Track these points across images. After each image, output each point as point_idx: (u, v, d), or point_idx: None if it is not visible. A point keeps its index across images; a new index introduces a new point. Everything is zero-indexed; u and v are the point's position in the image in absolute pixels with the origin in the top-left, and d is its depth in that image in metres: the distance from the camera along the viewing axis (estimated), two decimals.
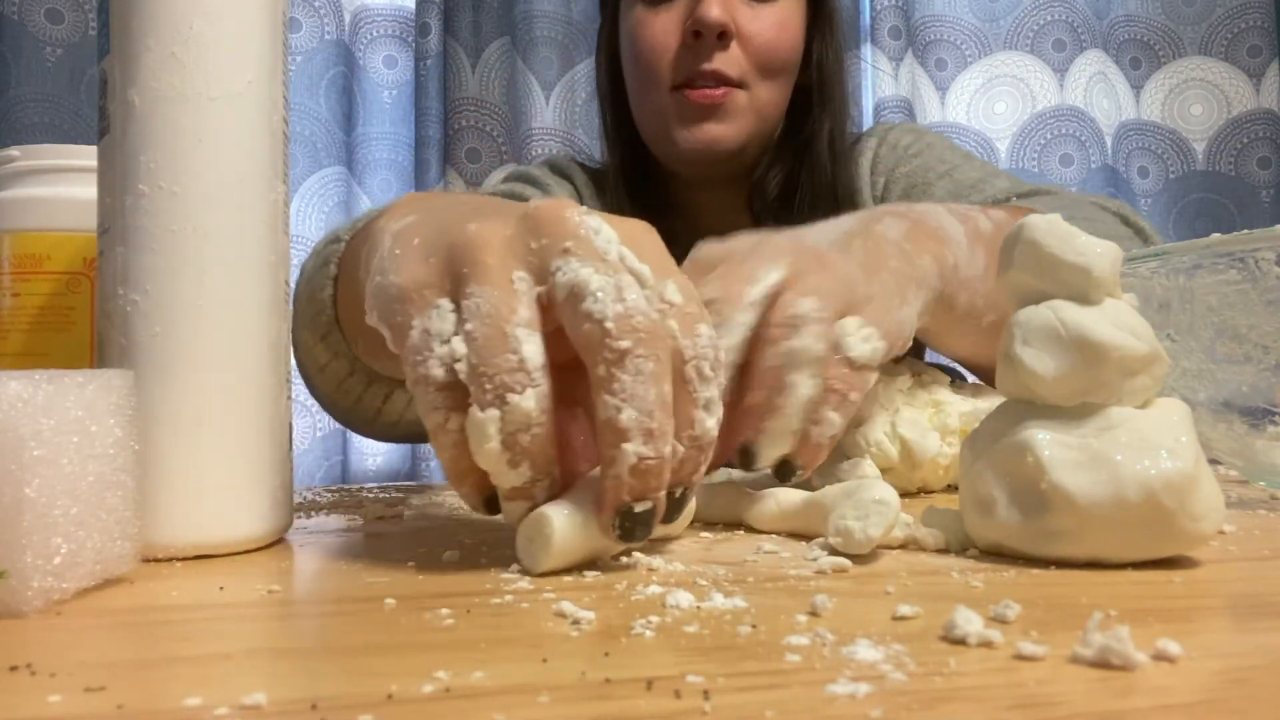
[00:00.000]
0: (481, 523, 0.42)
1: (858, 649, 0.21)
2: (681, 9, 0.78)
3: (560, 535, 0.29)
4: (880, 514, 0.32)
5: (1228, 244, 0.42)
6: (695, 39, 0.77)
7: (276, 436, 0.36)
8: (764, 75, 0.79)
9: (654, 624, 0.24)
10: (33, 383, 0.26)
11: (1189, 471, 0.29)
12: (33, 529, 0.25)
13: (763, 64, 0.79)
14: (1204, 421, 0.45)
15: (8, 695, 0.19)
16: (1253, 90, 1.59)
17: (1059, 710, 0.17)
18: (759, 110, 0.80)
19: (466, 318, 0.30)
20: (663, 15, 0.79)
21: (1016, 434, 0.32)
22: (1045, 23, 1.59)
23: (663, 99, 0.80)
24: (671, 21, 0.78)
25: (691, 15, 0.76)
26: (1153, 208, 1.59)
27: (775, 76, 0.80)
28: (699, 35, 0.76)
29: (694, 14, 0.76)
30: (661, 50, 0.78)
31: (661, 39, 0.79)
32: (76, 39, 1.31)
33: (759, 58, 0.79)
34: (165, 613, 0.26)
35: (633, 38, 0.81)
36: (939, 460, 0.49)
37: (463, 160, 1.44)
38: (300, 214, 1.39)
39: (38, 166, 0.47)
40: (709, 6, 0.75)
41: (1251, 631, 0.23)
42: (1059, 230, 0.33)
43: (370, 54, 1.47)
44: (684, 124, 0.79)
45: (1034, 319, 0.32)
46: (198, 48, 0.34)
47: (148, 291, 0.34)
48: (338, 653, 0.22)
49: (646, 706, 0.18)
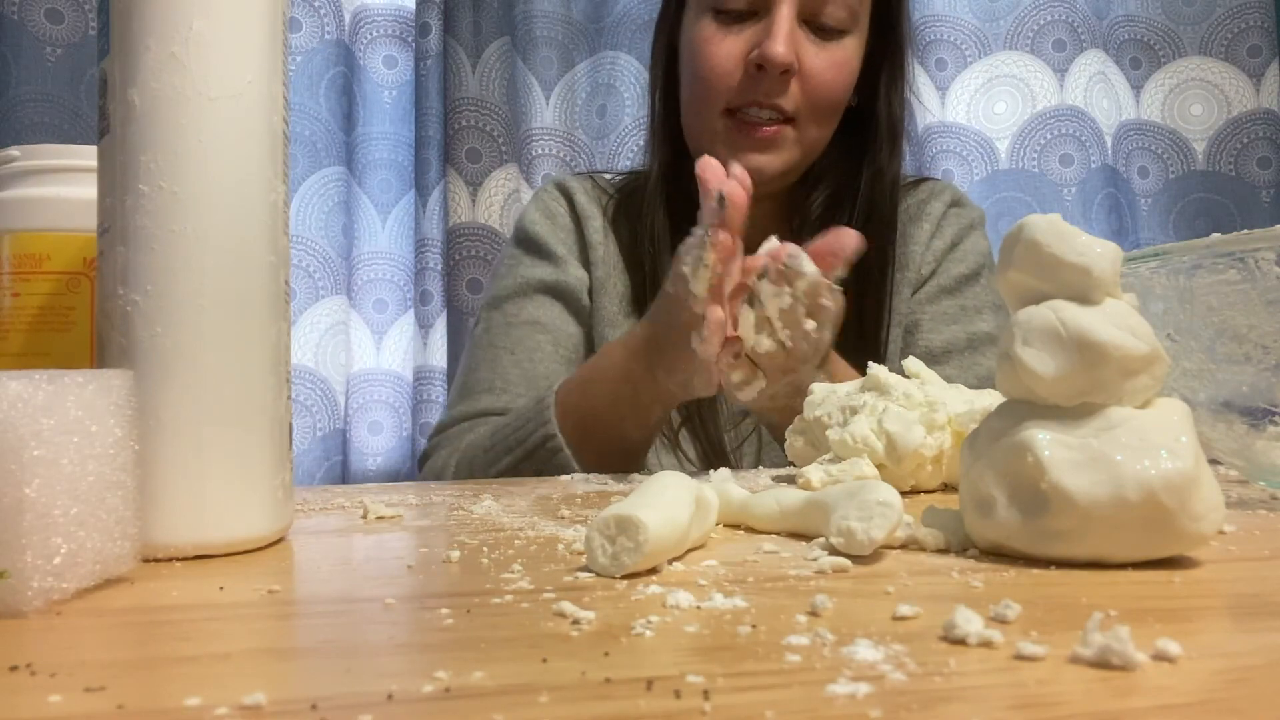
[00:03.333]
0: (481, 522, 0.42)
1: (858, 649, 0.21)
2: (749, 37, 0.78)
3: (655, 537, 0.30)
4: (883, 515, 0.32)
5: (1228, 244, 0.42)
6: (757, 71, 0.77)
7: (276, 436, 0.36)
8: (815, 113, 0.80)
9: (654, 624, 0.24)
10: (33, 383, 0.26)
11: (1189, 471, 0.29)
12: (33, 529, 0.25)
13: (817, 102, 0.80)
14: (1204, 421, 0.45)
15: (8, 695, 0.19)
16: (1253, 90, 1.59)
17: (1059, 710, 0.17)
18: (805, 145, 0.82)
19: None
20: (731, 38, 0.79)
21: (1016, 434, 0.32)
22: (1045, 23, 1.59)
23: (715, 120, 0.81)
24: (738, 46, 0.79)
25: (757, 47, 0.77)
26: (1153, 208, 1.59)
27: (826, 115, 0.82)
28: (761, 68, 0.77)
29: (760, 48, 0.76)
30: (722, 75, 0.79)
31: (724, 63, 0.79)
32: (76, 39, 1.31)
33: (815, 96, 0.79)
34: (165, 613, 0.26)
35: (696, 52, 0.81)
36: (923, 452, 0.50)
37: (463, 160, 1.44)
38: (300, 214, 1.39)
39: (38, 166, 0.47)
40: (775, 43, 0.76)
41: (1251, 631, 0.23)
42: (1059, 230, 0.33)
43: (370, 54, 1.47)
44: (731, 148, 0.80)
45: (1034, 319, 0.32)
46: (198, 48, 0.34)
47: (148, 291, 0.34)
48: (338, 653, 0.22)
49: (646, 706, 0.18)
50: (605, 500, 0.48)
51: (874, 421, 0.51)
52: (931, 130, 1.57)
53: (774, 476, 0.59)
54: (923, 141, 1.55)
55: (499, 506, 0.47)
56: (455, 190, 1.42)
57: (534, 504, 0.48)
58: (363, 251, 1.45)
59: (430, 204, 1.40)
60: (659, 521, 0.30)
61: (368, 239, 1.45)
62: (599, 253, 0.90)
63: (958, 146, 1.58)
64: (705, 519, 0.35)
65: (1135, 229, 1.58)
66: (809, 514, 0.37)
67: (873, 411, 0.51)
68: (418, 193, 1.42)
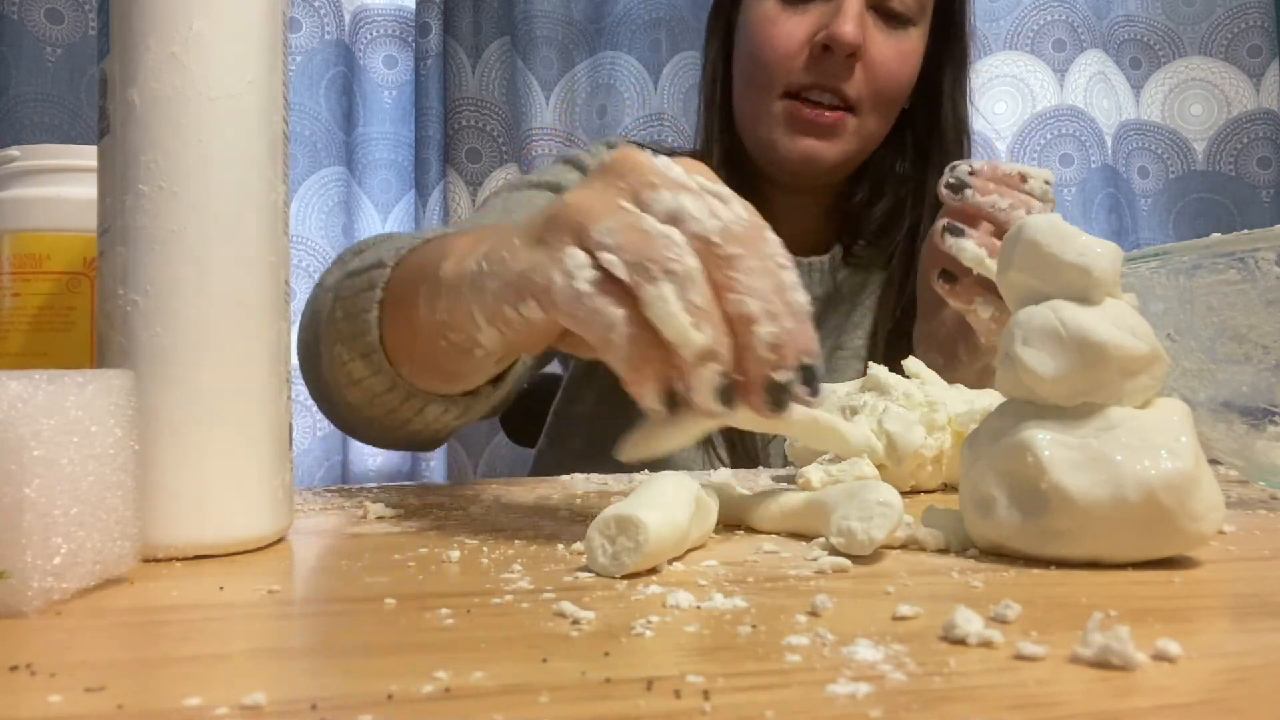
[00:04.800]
0: (481, 522, 0.42)
1: (858, 649, 0.21)
2: (815, 17, 0.76)
3: (656, 537, 0.30)
4: (884, 515, 0.32)
5: (1228, 244, 0.42)
6: (824, 51, 0.75)
7: (276, 436, 0.36)
8: (877, 103, 0.78)
9: (654, 624, 0.24)
10: (33, 383, 0.26)
11: (1189, 471, 0.29)
12: (33, 529, 0.25)
13: (880, 92, 0.78)
14: (1204, 421, 0.45)
15: (8, 695, 0.19)
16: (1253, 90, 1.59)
17: (1059, 710, 0.17)
18: (863, 136, 0.80)
19: (602, 239, 0.34)
20: (795, 18, 0.77)
21: (1016, 434, 0.32)
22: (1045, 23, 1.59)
23: (773, 102, 0.78)
24: (802, 28, 0.76)
25: (825, 28, 0.74)
26: (1153, 208, 1.59)
27: (887, 107, 0.80)
28: (828, 49, 0.75)
29: (829, 28, 0.74)
30: (785, 56, 0.76)
31: (787, 43, 0.76)
32: (76, 39, 1.31)
33: (878, 85, 0.77)
34: (165, 613, 0.26)
35: (756, 32, 0.78)
36: (923, 453, 0.50)
37: (463, 160, 1.44)
38: (300, 214, 1.39)
39: (38, 166, 0.47)
40: (846, 21, 0.73)
41: (1251, 631, 0.23)
42: (1059, 230, 0.33)
43: (370, 54, 1.47)
44: (789, 133, 0.78)
45: (1034, 319, 0.32)
46: (198, 48, 0.34)
47: (148, 291, 0.34)
48: (338, 653, 0.22)
49: (646, 706, 0.18)
50: (605, 500, 0.48)
51: (874, 421, 0.51)
52: None
53: (774, 477, 0.59)
54: None
55: (499, 506, 0.47)
56: (455, 190, 1.42)
57: (534, 504, 0.48)
58: None
59: (430, 204, 1.40)
60: (659, 521, 0.30)
61: None
62: None
63: None
64: (705, 519, 0.35)
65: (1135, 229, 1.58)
66: (809, 514, 0.37)
67: (873, 411, 0.51)
68: (418, 193, 1.42)
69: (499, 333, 0.38)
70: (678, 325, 0.32)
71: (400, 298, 0.48)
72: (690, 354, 0.33)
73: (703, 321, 0.33)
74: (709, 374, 0.33)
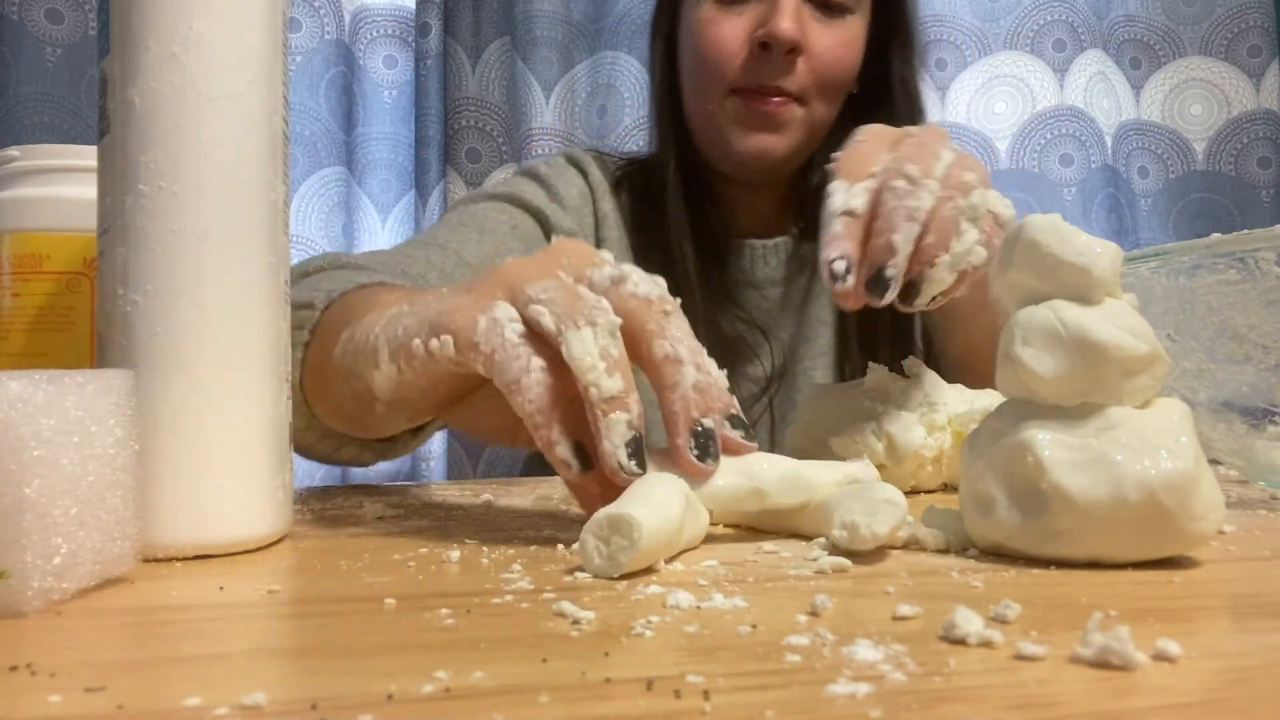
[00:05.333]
0: (481, 522, 0.42)
1: (858, 649, 0.21)
2: (753, 16, 0.77)
3: (650, 533, 0.30)
4: (888, 512, 0.32)
5: (1228, 244, 0.42)
6: (763, 50, 0.76)
7: (276, 436, 0.36)
8: (823, 93, 0.79)
9: (654, 624, 0.24)
10: (33, 383, 0.26)
11: (1189, 471, 0.29)
12: (33, 529, 0.25)
13: (824, 82, 0.79)
14: (1204, 421, 0.45)
15: (8, 695, 0.19)
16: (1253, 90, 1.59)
17: (1059, 710, 0.17)
18: (812, 125, 0.80)
19: (535, 294, 0.36)
20: (733, 18, 0.77)
21: (1016, 434, 0.32)
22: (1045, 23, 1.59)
23: (720, 101, 0.79)
24: (740, 28, 0.77)
25: (763, 26, 0.75)
26: (1153, 208, 1.59)
27: (833, 94, 0.80)
28: (767, 47, 0.75)
29: (766, 26, 0.75)
30: (727, 56, 0.77)
31: (728, 44, 0.77)
32: (76, 39, 1.31)
33: (822, 75, 0.78)
34: (165, 613, 0.26)
35: (698, 35, 0.79)
36: (923, 453, 0.50)
37: (463, 160, 1.44)
38: (300, 214, 1.39)
39: (38, 166, 0.47)
40: (782, 18, 0.74)
41: (1251, 631, 0.23)
42: (1059, 230, 0.33)
43: (370, 54, 1.47)
44: (738, 129, 0.79)
45: (1034, 319, 0.32)
46: (198, 48, 0.34)
47: (148, 291, 0.34)
48: (338, 653, 0.22)
49: (646, 706, 0.18)
50: None
51: (874, 422, 0.51)
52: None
53: None
54: None
55: (499, 506, 0.47)
56: (455, 190, 1.42)
57: (534, 504, 0.48)
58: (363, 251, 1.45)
59: (430, 204, 1.40)
60: (652, 518, 0.30)
61: (368, 239, 1.45)
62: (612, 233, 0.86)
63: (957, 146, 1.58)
64: (697, 519, 0.34)
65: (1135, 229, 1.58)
66: (809, 514, 0.37)
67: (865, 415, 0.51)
68: (418, 193, 1.42)
69: (397, 371, 0.38)
70: (591, 364, 0.34)
71: (322, 341, 0.49)
72: (600, 396, 0.34)
73: (615, 370, 0.35)
74: (618, 421, 0.34)
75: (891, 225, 0.47)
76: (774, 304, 0.86)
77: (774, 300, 0.86)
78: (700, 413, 0.35)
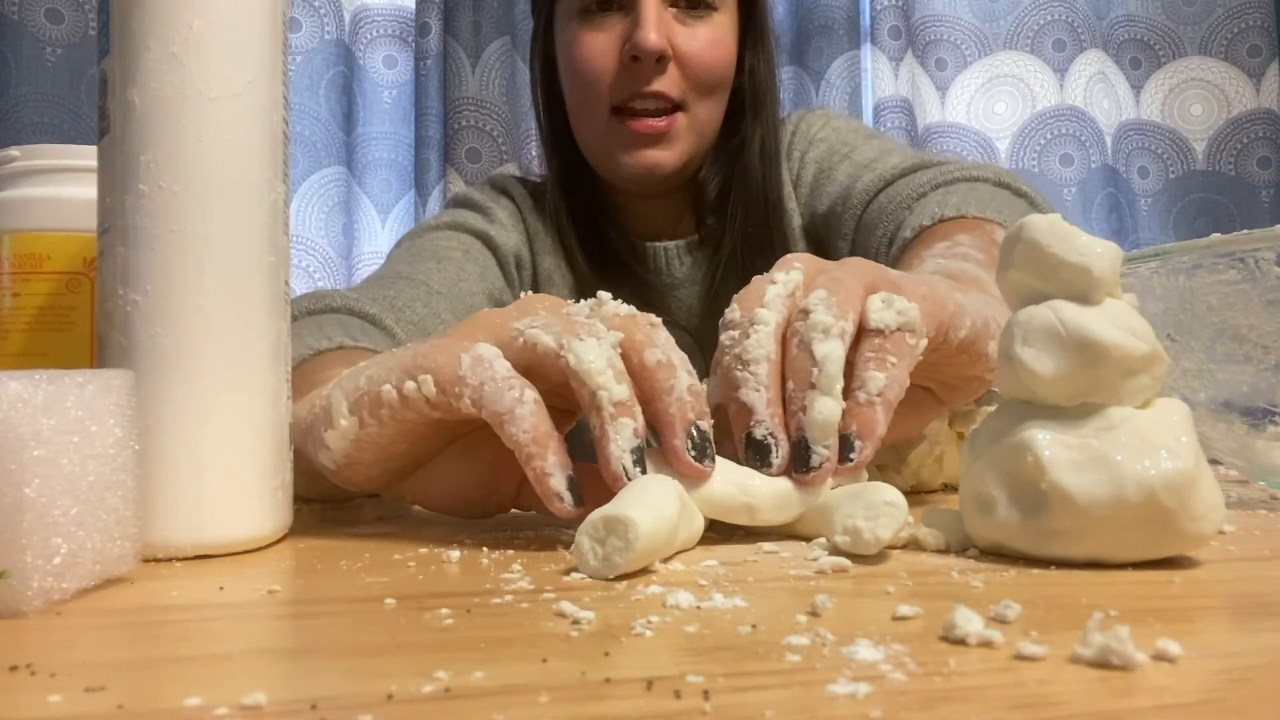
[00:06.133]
0: (481, 522, 0.42)
1: (858, 649, 0.21)
2: (619, 31, 0.78)
3: (646, 533, 0.30)
4: (890, 516, 0.32)
5: (1228, 244, 0.42)
6: (633, 62, 0.76)
7: (276, 436, 0.36)
8: (702, 94, 0.79)
9: (654, 624, 0.24)
10: (33, 383, 0.26)
11: (1189, 471, 0.29)
12: (33, 529, 0.25)
13: (700, 83, 0.79)
14: (1204, 421, 0.45)
15: (8, 695, 0.19)
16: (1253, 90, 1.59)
17: (1059, 710, 0.17)
18: (699, 129, 0.81)
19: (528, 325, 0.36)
20: (600, 36, 0.78)
21: (1016, 434, 0.32)
22: (1045, 23, 1.59)
23: (603, 122, 0.79)
24: (609, 43, 0.78)
25: (629, 40, 0.76)
26: (1153, 208, 1.59)
27: (713, 93, 0.81)
28: (636, 59, 0.76)
29: (631, 39, 0.76)
30: (600, 73, 0.78)
31: (599, 61, 0.78)
32: (76, 39, 1.31)
33: (697, 77, 0.78)
34: (165, 613, 0.26)
35: (570, 57, 0.80)
36: (923, 453, 0.50)
37: (463, 160, 1.44)
38: (300, 214, 1.39)
39: (38, 166, 0.47)
40: (646, 32, 0.75)
41: (1251, 631, 0.23)
42: (1059, 230, 0.33)
43: (370, 54, 1.47)
44: (625, 149, 0.79)
45: (1034, 319, 0.32)
46: (198, 48, 0.34)
47: (148, 291, 0.34)
48: (338, 653, 0.22)
49: (646, 706, 0.18)
50: None
51: None
52: (931, 130, 1.57)
53: None
54: (923, 141, 1.55)
55: None
56: (455, 190, 1.42)
57: None
58: (363, 251, 1.45)
59: (430, 204, 1.40)
60: (648, 518, 0.30)
61: (368, 239, 1.45)
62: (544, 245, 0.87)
63: (958, 146, 1.58)
64: (692, 520, 0.34)
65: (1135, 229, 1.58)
66: (808, 516, 0.37)
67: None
68: (418, 193, 1.42)
69: (358, 424, 0.36)
70: (600, 368, 0.34)
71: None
72: (609, 399, 0.34)
73: (622, 380, 0.35)
74: (625, 426, 0.34)
75: (731, 381, 0.37)
76: (698, 302, 0.87)
77: (697, 298, 0.87)
78: (696, 415, 0.35)
